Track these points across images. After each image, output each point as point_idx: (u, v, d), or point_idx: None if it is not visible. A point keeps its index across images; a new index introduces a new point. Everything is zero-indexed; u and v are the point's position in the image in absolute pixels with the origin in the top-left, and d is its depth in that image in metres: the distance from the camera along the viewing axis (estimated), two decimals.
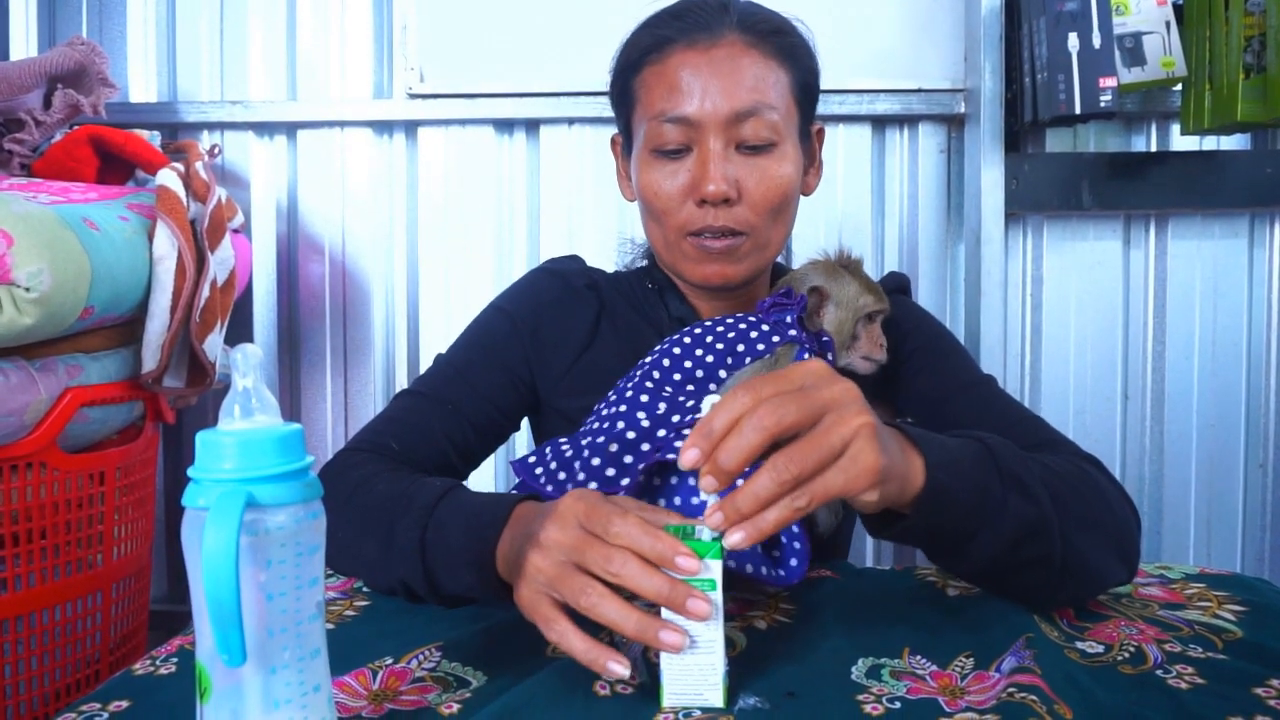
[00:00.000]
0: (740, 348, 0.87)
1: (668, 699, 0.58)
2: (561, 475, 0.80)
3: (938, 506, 0.65)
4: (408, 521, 0.73)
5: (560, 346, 0.99)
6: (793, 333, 0.88)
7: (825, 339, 0.91)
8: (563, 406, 0.98)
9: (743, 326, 0.89)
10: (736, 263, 0.94)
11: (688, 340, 0.89)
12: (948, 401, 0.93)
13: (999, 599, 0.77)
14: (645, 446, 0.77)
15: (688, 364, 0.87)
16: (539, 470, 0.83)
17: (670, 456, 0.74)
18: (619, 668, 0.57)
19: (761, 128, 0.90)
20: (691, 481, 0.76)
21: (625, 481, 0.76)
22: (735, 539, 0.56)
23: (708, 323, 0.91)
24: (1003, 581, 0.74)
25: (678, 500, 0.76)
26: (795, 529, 0.75)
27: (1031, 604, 0.75)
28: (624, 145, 1.02)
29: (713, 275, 0.95)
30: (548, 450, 0.85)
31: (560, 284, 1.02)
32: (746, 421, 0.56)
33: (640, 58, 0.94)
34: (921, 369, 0.96)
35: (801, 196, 0.99)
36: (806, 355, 0.86)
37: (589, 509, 0.61)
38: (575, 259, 1.07)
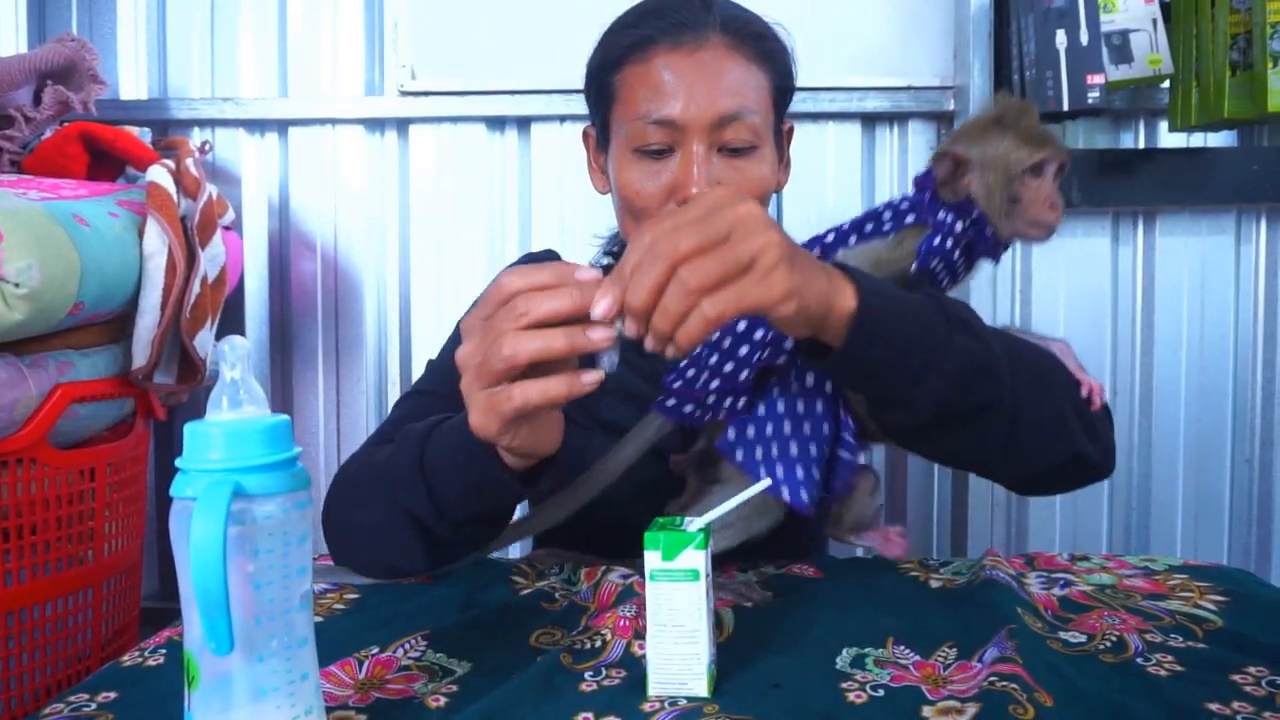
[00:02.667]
0: (868, 226, 0.82)
1: (653, 688, 0.59)
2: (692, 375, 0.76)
3: (872, 335, 0.64)
4: (407, 449, 0.74)
5: None
6: (941, 214, 0.78)
7: (976, 213, 0.78)
8: None
9: (879, 205, 0.84)
10: None
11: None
12: None
13: (979, 589, 0.77)
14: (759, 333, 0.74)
15: (811, 240, 0.84)
16: (671, 402, 0.78)
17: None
18: (600, 332, 0.58)
19: (744, 131, 0.90)
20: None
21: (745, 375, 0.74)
22: (648, 343, 0.57)
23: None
24: (953, 432, 0.71)
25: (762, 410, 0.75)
26: (845, 444, 0.75)
27: (985, 462, 0.73)
28: (599, 139, 1.02)
29: None
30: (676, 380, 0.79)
31: None
32: (647, 254, 0.56)
33: (622, 55, 0.94)
34: None
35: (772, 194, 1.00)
36: (937, 240, 0.78)
37: (499, 284, 0.62)
38: (550, 254, 1.09)
